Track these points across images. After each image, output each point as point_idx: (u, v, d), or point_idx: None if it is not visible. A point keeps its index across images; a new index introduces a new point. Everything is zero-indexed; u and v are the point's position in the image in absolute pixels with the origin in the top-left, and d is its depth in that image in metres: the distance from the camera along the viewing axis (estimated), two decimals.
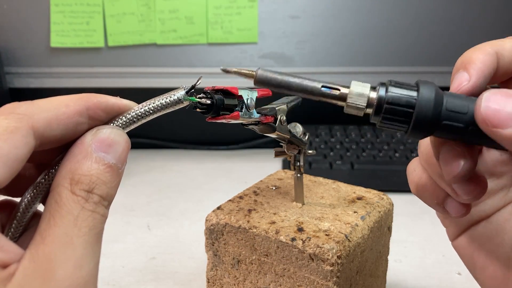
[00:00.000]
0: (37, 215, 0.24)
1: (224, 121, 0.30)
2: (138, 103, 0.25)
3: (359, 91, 0.25)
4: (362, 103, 0.25)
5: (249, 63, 0.85)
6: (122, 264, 0.52)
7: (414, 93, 0.24)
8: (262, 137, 0.89)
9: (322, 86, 0.25)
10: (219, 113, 0.29)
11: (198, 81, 0.26)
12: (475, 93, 0.25)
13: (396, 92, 0.24)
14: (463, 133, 0.24)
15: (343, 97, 0.25)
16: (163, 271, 0.51)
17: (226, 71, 0.26)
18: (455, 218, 0.30)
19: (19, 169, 0.21)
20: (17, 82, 0.86)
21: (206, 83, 0.29)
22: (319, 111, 0.91)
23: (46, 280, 0.20)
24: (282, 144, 0.40)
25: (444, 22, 0.84)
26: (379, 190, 0.43)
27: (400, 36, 0.85)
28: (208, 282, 0.42)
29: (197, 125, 0.89)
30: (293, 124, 0.40)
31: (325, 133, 0.86)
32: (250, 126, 0.33)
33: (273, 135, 0.36)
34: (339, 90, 0.25)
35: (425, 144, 0.29)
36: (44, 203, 0.24)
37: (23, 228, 0.24)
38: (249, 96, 0.31)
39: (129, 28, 0.82)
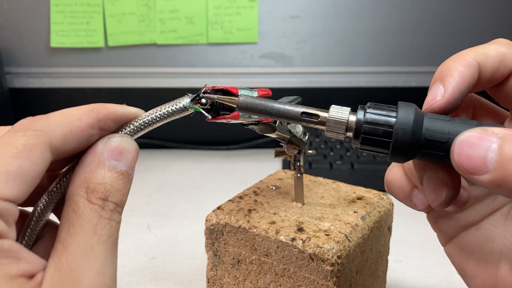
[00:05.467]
0: (49, 224, 0.25)
1: (224, 121, 0.30)
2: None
3: (337, 117, 0.25)
4: (341, 129, 0.25)
5: (249, 63, 0.85)
6: (122, 264, 0.52)
7: (392, 120, 0.24)
8: (262, 137, 0.89)
9: (302, 113, 0.25)
10: (219, 113, 0.29)
11: (202, 89, 0.27)
12: (449, 109, 0.25)
13: (373, 118, 0.24)
14: (444, 158, 0.24)
15: (323, 123, 0.25)
16: (163, 271, 0.51)
17: (209, 98, 0.27)
18: (422, 210, 0.31)
19: (36, 184, 0.21)
20: (17, 82, 0.86)
21: (206, 83, 0.29)
22: None
23: None
24: (282, 144, 0.40)
25: (444, 22, 0.84)
26: (379, 190, 0.43)
27: (400, 36, 0.85)
28: (208, 282, 0.42)
29: (197, 125, 0.89)
30: (293, 124, 0.40)
31: None
32: (250, 126, 0.33)
33: (273, 135, 0.36)
34: (318, 116, 0.25)
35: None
36: (55, 212, 0.24)
37: (37, 236, 0.24)
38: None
39: (129, 28, 0.82)
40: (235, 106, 0.26)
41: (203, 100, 0.28)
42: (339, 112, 0.25)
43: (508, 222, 0.29)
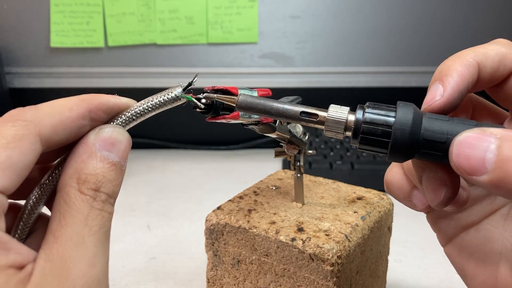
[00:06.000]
0: (42, 218, 0.24)
1: (224, 121, 0.30)
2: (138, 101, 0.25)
3: (336, 116, 0.25)
4: (340, 129, 0.25)
5: (249, 63, 0.85)
6: (122, 264, 0.52)
7: (391, 120, 0.24)
8: (262, 137, 0.89)
9: (301, 113, 0.25)
10: (219, 113, 0.29)
11: (194, 78, 0.26)
12: (449, 108, 0.25)
13: (372, 118, 0.24)
14: (442, 158, 0.24)
15: (322, 122, 0.25)
16: (163, 271, 0.51)
17: (209, 98, 0.27)
18: (422, 211, 0.31)
19: (26, 176, 0.21)
20: (17, 82, 0.86)
21: (206, 83, 0.29)
22: None
23: (62, 279, 0.20)
24: (282, 144, 0.40)
25: (444, 22, 0.84)
26: (379, 190, 0.43)
27: (400, 36, 0.85)
28: (208, 282, 0.42)
29: (197, 125, 0.89)
30: (293, 124, 0.40)
31: None
32: (250, 126, 0.33)
33: (273, 135, 0.36)
34: (317, 116, 0.25)
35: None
36: (48, 205, 0.24)
37: (29, 230, 0.24)
38: None
39: (129, 28, 0.82)
40: (234, 105, 0.26)
41: (203, 100, 0.28)
42: (338, 112, 0.25)
43: (508, 223, 0.29)
